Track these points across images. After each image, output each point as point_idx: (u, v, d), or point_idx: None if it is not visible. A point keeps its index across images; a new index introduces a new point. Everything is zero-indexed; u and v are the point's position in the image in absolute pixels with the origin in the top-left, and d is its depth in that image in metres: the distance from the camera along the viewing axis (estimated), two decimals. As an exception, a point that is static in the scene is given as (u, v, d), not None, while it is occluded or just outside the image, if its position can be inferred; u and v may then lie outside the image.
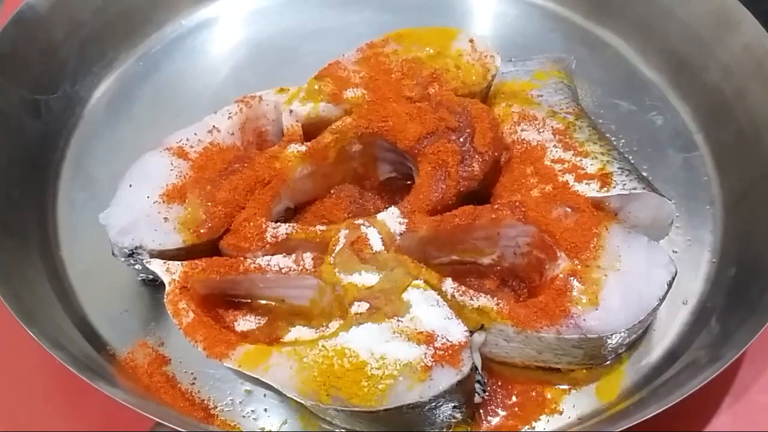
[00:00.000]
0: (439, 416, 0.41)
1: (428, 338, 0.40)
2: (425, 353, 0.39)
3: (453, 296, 0.43)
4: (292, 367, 0.40)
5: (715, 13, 0.57)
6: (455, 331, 0.40)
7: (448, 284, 0.43)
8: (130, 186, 0.47)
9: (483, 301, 0.42)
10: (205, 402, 0.45)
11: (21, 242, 0.51)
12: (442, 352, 0.39)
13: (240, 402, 0.45)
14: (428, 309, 0.41)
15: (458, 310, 0.42)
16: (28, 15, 0.58)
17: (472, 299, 0.43)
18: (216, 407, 0.45)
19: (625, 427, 0.39)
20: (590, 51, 0.63)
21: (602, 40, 0.64)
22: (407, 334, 0.40)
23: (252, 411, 0.44)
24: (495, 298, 0.43)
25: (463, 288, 0.43)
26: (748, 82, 0.54)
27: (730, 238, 0.51)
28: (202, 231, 0.45)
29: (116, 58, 0.63)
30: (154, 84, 0.62)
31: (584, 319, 0.41)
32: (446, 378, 0.39)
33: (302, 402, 0.40)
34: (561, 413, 0.44)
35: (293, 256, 0.44)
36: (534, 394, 0.44)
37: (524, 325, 0.42)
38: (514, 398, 0.44)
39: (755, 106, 0.53)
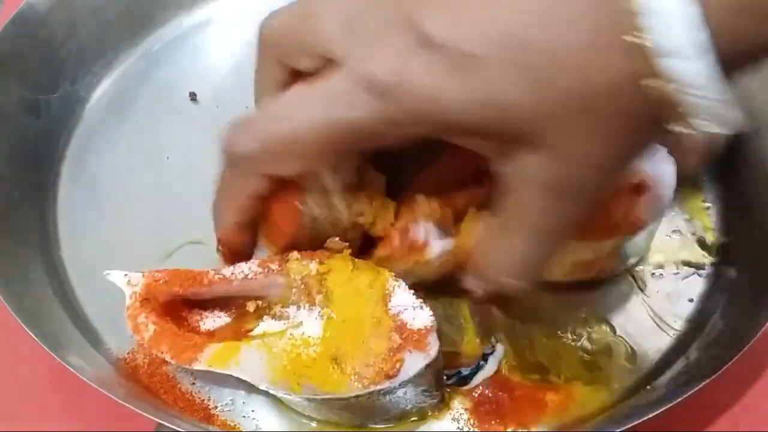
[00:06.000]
0: (411, 401, 0.41)
1: (397, 325, 0.40)
2: (396, 338, 0.40)
3: None
4: (262, 358, 0.41)
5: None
6: (422, 316, 0.41)
7: None
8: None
9: None
10: (205, 402, 0.45)
11: (21, 242, 0.51)
12: (410, 337, 0.40)
13: (240, 402, 0.45)
14: (397, 296, 0.41)
15: None
16: (28, 15, 0.58)
17: None
18: (216, 407, 0.45)
19: (625, 427, 0.39)
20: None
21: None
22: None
23: (252, 411, 0.44)
24: None
25: None
26: (748, 82, 0.54)
27: (730, 237, 0.51)
28: None
29: (116, 57, 0.63)
30: (154, 84, 0.62)
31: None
32: (415, 362, 0.39)
33: (275, 393, 0.41)
34: (561, 414, 0.44)
35: (256, 260, 0.44)
36: (534, 395, 0.44)
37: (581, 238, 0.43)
38: (513, 399, 0.44)
39: (755, 106, 0.53)
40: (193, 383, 0.45)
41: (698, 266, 0.50)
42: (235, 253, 0.43)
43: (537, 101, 0.31)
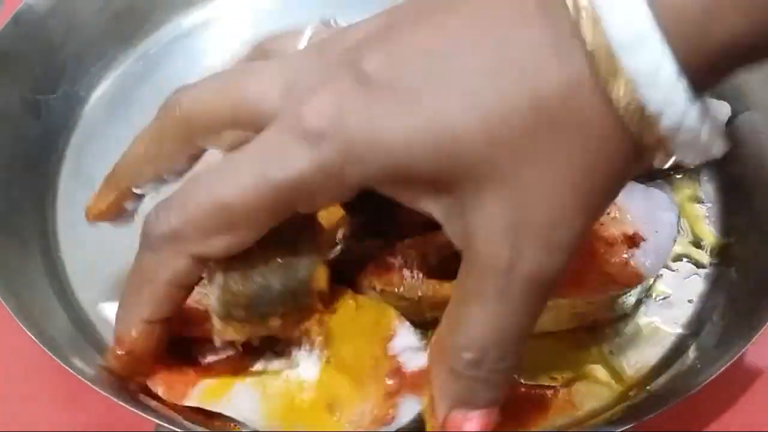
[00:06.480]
0: None
1: (394, 368, 0.39)
2: (391, 383, 0.39)
3: None
4: (254, 397, 0.40)
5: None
6: (421, 358, 0.39)
7: None
8: None
9: None
10: (206, 402, 0.45)
11: (21, 242, 0.51)
12: (407, 380, 0.39)
13: (240, 402, 0.45)
14: (400, 337, 0.40)
15: None
16: (28, 15, 0.58)
17: None
18: (216, 407, 0.44)
19: (625, 427, 0.39)
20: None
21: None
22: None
23: (252, 411, 0.44)
24: None
25: None
26: (748, 81, 0.54)
27: (730, 237, 0.51)
28: None
29: (116, 58, 0.63)
30: (153, 84, 0.62)
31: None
32: (411, 407, 0.38)
33: None
34: (561, 414, 0.44)
35: None
36: (534, 395, 0.44)
37: (566, 295, 0.42)
38: (513, 399, 0.44)
39: (755, 106, 0.53)
40: (193, 383, 0.45)
41: (697, 265, 0.50)
42: (135, 361, 0.38)
43: (484, 123, 0.27)
